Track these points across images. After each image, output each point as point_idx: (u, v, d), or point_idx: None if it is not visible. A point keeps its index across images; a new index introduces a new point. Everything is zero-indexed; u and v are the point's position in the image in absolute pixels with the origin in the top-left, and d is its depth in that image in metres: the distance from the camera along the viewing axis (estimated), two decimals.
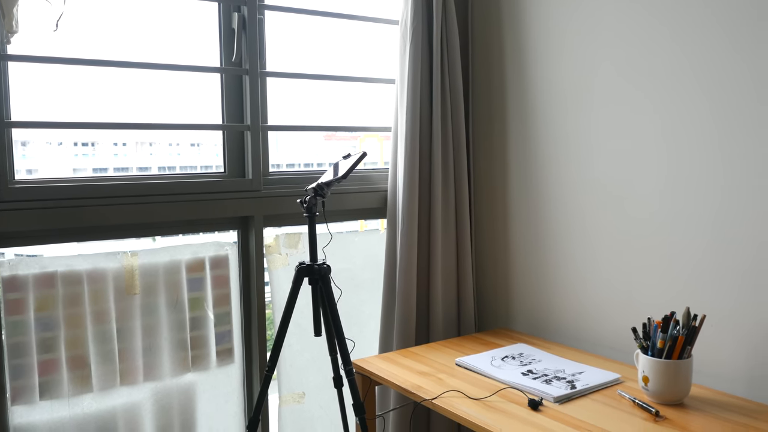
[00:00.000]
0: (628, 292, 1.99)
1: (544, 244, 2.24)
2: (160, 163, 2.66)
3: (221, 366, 2.10)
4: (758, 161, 1.66)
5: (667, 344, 1.60)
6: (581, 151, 2.09)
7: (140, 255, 1.93)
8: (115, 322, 1.90)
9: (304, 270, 1.85)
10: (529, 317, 2.33)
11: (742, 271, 1.71)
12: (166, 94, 2.08)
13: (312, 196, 1.83)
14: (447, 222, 2.32)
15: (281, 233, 2.21)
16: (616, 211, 2.01)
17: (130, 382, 1.94)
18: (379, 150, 2.88)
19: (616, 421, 1.53)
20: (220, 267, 2.08)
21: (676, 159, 1.84)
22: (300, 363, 2.26)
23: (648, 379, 1.62)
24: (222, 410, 2.11)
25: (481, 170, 2.47)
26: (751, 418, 1.53)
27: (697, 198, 1.79)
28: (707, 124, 1.76)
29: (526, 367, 1.88)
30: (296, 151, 2.87)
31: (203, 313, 2.05)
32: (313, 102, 2.41)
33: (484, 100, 2.43)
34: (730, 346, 1.75)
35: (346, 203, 2.27)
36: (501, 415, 1.58)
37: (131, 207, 1.88)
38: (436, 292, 2.29)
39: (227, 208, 2.03)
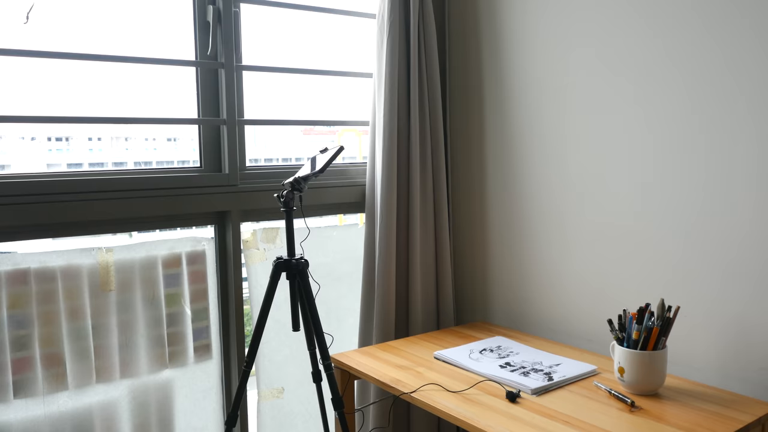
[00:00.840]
0: (603, 285, 2.01)
1: (522, 238, 2.25)
2: (136, 159, 2.63)
3: (199, 362, 2.08)
4: (735, 156, 1.68)
5: (642, 335, 1.62)
6: (558, 145, 2.11)
7: (115, 251, 1.91)
8: (91, 318, 1.88)
9: (281, 265, 1.84)
10: (507, 310, 2.34)
11: (714, 264, 1.73)
12: (141, 89, 2.05)
13: (289, 190, 1.82)
14: (425, 216, 2.32)
15: (259, 228, 2.20)
16: (592, 205, 2.02)
17: (107, 379, 1.92)
18: (357, 144, 2.88)
19: (592, 412, 1.55)
20: (197, 262, 2.06)
21: (651, 153, 1.86)
22: (279, 358, 2.26)
23: (624, 370, 1.64)
24: (200, 406, 2.10)
25: (459, 164, 2.47)
26: (723, 407, 1.55)
27: (673, 192, 1.81)
28: (686, 117, 1.78)
29: (504, 359, 1.89)
30: (274, 146, 2.86)
31: (180, 309, 2.03)
32: (292, 97, 2.40)
33: (461, 94, 2.44)
34: (704, 337, 1.77)
35: (324, 198, 2.27)
36: (479, 407, 1.59)
37: (106, 202, 1.85)
38: (415, 286, 2.29)
39: (203, 203, 2.01)
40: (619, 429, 1.45)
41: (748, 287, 1.67)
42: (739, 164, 1.67)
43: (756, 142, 1.63)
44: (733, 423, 1.47)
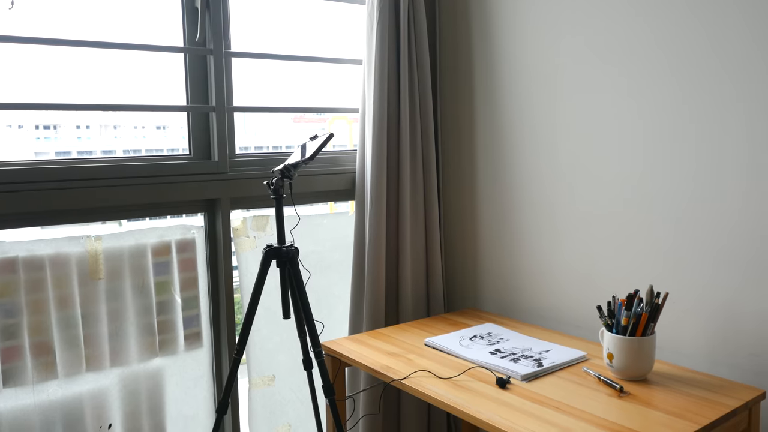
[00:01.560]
0: (593, 272, 2.02)
1: (512, 224, 2.26)
2: (125, 147, 2.62)
3: (189, 350, 2.08)
4: (724, 145, 1.69)
5: (631, 322, 1.63)
6: (548, 133, 2.11)
7: (104, 239, 1.90)
8: (80, 307, 1.87)
9: (271, 252, 1.84)
10: (497, 297, 2.35)
11: (704, 251, 1.74)
12: (130, 76, 2.03)
13: (279, 177, 1.82)
14: (415, 204, 2.32)
15: (249, 216, 2.19)
16: (581, 193, 2.03)
17: (97, 367, 1.91)
18: (348, 132, 2.87)
19: (581, 398, 1.56)
20: (187, 250, 2.05)
21: (641, 142, 1.86)
22: (269, 346, 2.26)
23: (612, 355, 1.65)
24: (191, 394, 2.10)
25: (449, 151, 2.47)
26: (711, 392, 1.57)
27: (663, 181, 1.82)
28: (676, 106, 1.78)
29: (494, 346, 1.90)
30: (265, 134, 2.84)
31: (170, 297, 2.03)
32: (282, 84, 2.39)
33: (451, 80, 2.43)
34: (692, 323, 1.79)
35: (314, 185, 2.26)
36: (469, 393, 1.60)
37: (94, 190, 1.84)
38: (405, 273, 2.30)
39: (193, 191, 2.00)
40: (608, 414, 1.46)
41: (737, 274, 1.68)
42: (729, 153, 1.67)
43: (745, 132, 1.64)
44: (720, 408, 1.48)
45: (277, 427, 2.29)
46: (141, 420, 2.00)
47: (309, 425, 2.35)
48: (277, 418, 2.29)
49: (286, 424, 2.31)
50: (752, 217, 1.64)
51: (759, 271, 1.64)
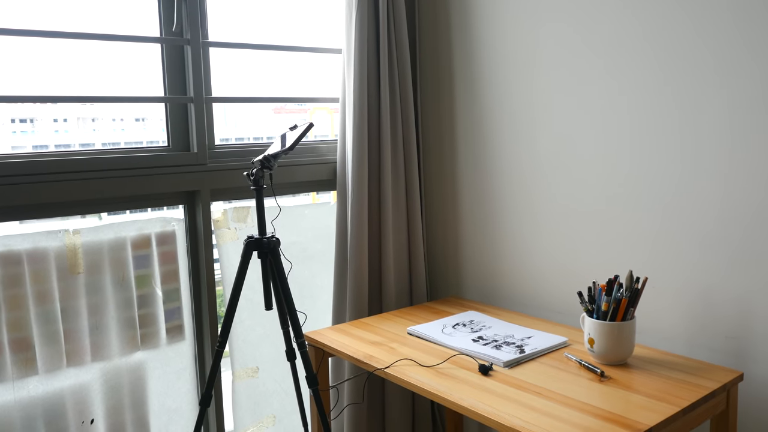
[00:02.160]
0: (573, 258, 2.03)
1: (493, 212, 2.26)
2: (104, 140, 2.58)
3: (172, 343, 2.07)
4: (705, 133, 1.70)
5: (611, 307, 1.64)
6: (528, 120, 2.11)
7: (83, 233, 1.88)
8: (59, 302, 1.85)
9: (252, 244, 1.83)
10: (479, 285, 2.36)
11: (681, 237, 1.76)
12: (106, 67, 2.01)
13: (259, 168, 1.81)
14: (397, 193, 2.32)
15: (229, 207, 2.18)
16: (561, 180, 2.04)
17: (77, 362, 1.90)
18: (329, 122, 2.86)
19: (563, 383, 1.57)
20: (167, 243, 2.04)
21: (622, 130, 1.87)
22: (252, 338, 2.25)
23: (593, 341, 1.66)
24: (174, 388, 2.09)
25: (430, 141, 2.47)
26: (690, 375, 1.59)
27: (640, 167, 1.83)
28: (657, 91, 1.79)
29: (477, 333, 1.91)
30: (245, 125, 2.82)
31: (151, 290, 2.01)
32: (262, 75, 2.37)
33: (431, 69, 2.42)
34: (672, 308, 1.80)
35: (295, 176, 2.25)
36: (452, 381, 1.60)
37: (72, 184, 1.82)
38: (387, 262, 2.30)
39: (172, 183, 1.98)
40: (590, 398, 1.48)
41: (715, 260, 1.70)
42: (709, 141, 1.69)
43: (728, 122, 1.65)
44: (699, 390, 1.50)
45: (261, 419, 2.29)
46: (123, 414, 1.99)
47: (294, 416, 2.35)
48: (261, 410, 2.28)
49: (270, 416, 2.31)
50: (731, 204, 1.66)
51: (736, 256, 1.66)
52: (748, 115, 1.60)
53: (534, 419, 1.39)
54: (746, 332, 1.66)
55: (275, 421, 2.32)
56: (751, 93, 1.59)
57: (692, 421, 1.48)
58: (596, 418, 1.38)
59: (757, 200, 1.60)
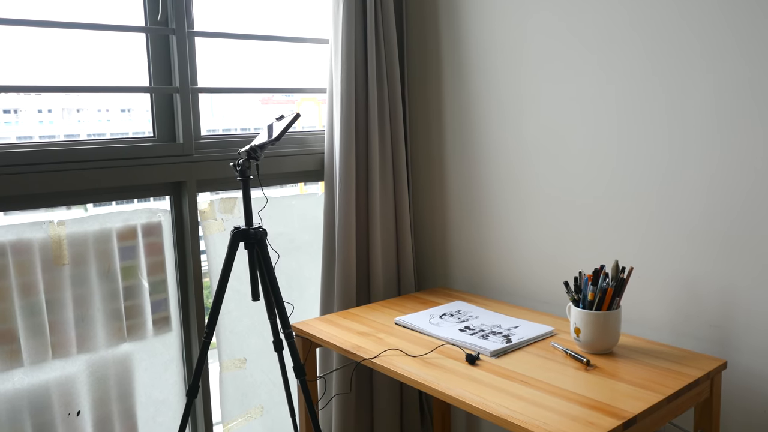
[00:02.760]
0: (560, 248, 2.04)
1: (481, 204, 2.27)
2: (89, 131, 2.56)
3: (158, 335, 2.06)
4: (686, 120, 1.71)
5: (597, 296, 1.65)
6: (515, 110, 2.11)
7: (68, 224, 1.87)
8: (44, 293, 1.84)
9: (239, 234, 1.82)
10: (466, 275, 2.36)
11: (667, 227, 1.77)
12: (92, 57, 1.98)
13: (245, 159, 1.80)
14: (385, 183, 2.32)
15: (216, 198, 2.17)
16: (548, 170, 2.04)
17: (63, 354, 1.89)
18: (317, 113, 2.85)
19: (549, 372, 1.58)
20: (153, 234, 2.03)
21: (608, 119, 1.87)
22: (240, 329, 2.25)
23: (579, 330, 1.67)
24: (161, 379, 2.08)
25: (418, 131, 2.47)
26: (674, 363, 1.60)
27: (627, 157, 1.84)
28: (644, 80, 1.80)
29: (464, 323, 1.92)
30: (233, 116, 2.81)
31: (137, 281, 2.00)
32: (249, 65, 2.35)
33: (419, 58, 2.42)
34: (657, 297, 1.82)
35: (282, 166, 2.24)
36: (439, 370, 1.61)
37: (57, 174, 1.80)
38: (375, 253, 2.30)
39: (158, 174, 1.97)
40: (576, 387, 1.49)
41: (700, 250, 1.72)
42: (695, 131, 1.70)
43: (715, 113, 1.66)
44: (683, 378, 1.52)
45: (249, 410, 2.29)
46: (110, 406, 1.98)
47: (281, 406, 2.35)
48: (249, 400, 2.28)
49: (258, 406, 2.31)
50: (715, 195, 1.67)
51: (720, 246, 1.67)
52: (733, 105, 1.61)
53: (520, 408, 1.39)
54: (730, 321, 1.67)
55: (263, 412, 2.32)
56: (736, 83, 1.60)
57: (677, 408, 1.50)
58: (582, 407, 1.39)
59: (743, 191, 1.62)
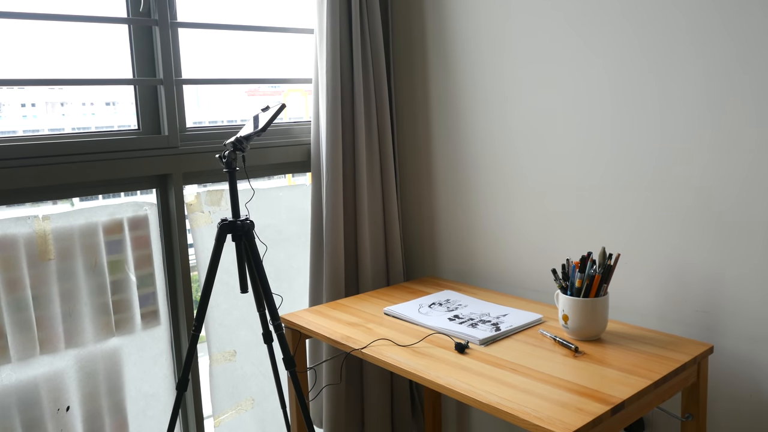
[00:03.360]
0: (547, 235, 2.05)
1: (468, 193, 2.27)
2: (74, 125, 2.54)
3: (147, 329, 2.06)
4: (676, 107, 1.71)
5: (585, 283, 1.66)
6: (502, 99, 2.11)
7: (53, 219, 1.85)
8: (30, 289, 1.82)
9: (226, 226, 1.81)
10: (455, 264, 2.37)
11: (654, 214, 1.78)
12: (74, 50, 1.96)
13: (231, 150, 1.79)
14: (372, 174, 2.31)
15: (203, 191, 2.16)
16: (534, 159, 2.04)
17: (51, 350, 1.88)
18: (304, 104, 2.83)
19: (538, 359, 1.59)
20: (140, 228, 2.01)
21: (592, 105, 1.88)
22: (229, 321, 2.24)
23: (568, 317, 1.68)
24: (150, 373, 2.07)
25: (404, 120, 2.46)
26: (661, 348, 1.61)
27: (612, 144, 1.84)
28: (629, 66, 1.80)
29: (453, 312, 1.92)
30: (219, 108, 2.79)
31: (124, 275, 1.99)
32: (235, 57, 2.34)
33: (404, 47, 2.41)
34: (644, 283, 1.83)
35: (268, 158, 2.23)
36: (429, 359, 1.61)
37: (41, 169, 1.78)
38: (363, 244, 2.30)
39: (143, 167, 1.96)
40: (564, 374, 1.50)
41: (686, 236, 1.73)
42: (681, 116, 1.70)
43: (702, 96, 1.66)
44: (670, 363, 1.53)
45: (240, 402, 2.28)
46: (100, 401, 1.97)
47: (272, 398, 2.35)
48: (239, 393, 2.28)
49: (249, 399, 2.31)
50: (702, 180, 1.68)
51: (706, 232, 1.68)
52: (722, 90, 1.61)
53: (510, 395, 1.40)
54: (716, 307, 1.69)
55: (254, 404, 2.32)
56: (726, 65, 1.60)
57: (664, 393, 1.51)
58: (571, 393, 1.40)
59: (732, 179, 1.63)
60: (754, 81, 1.55)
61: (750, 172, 1.58)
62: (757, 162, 1.57)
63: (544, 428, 1.27)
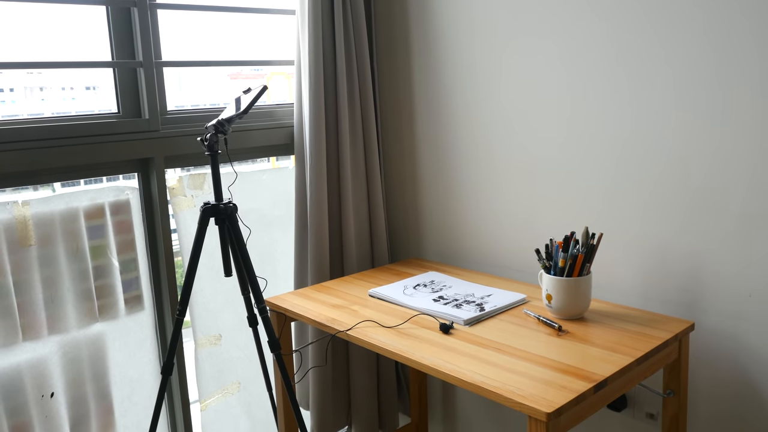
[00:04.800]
0: (531, 216, 2.05)
1: (452, 174, 2.27)
2: (54, 110, 2.51)
3: (131, 314, 2.04)
4: (656, 88, 1.72)
5: (568, 263, 1.67)
6: (486, 81, 2.11)
7: (32, 204, 1.83)
8: (11, 275, 1.80)
9: (209, 210, 1.80)
10: (439, 245, 2.37)
11: (636, 193, 1.79)
12: (52, 33, 1.93)
13: (213, 133, 1.77)
14: (356, 155, 2.30)
15: (185, 175, 2.14)
16: (517, 140, 2.05)
17: (34, 336, 1.86)
18: (287, 87, 2.81)
19: (522, 338, 1.60)
20: (122, 212, 2.00)
21: (576, 87, 1.88)
22: (214, 306, 2.23)
23: (551, 296, 1.69)
24: (135, 358, 2.07)
25: (387, 101, 2.45)
26: (643, 326, 1.63)
27: (596, 125, 1.85)
28: (605, 50, 1.80)
29: (437, 293, 1.93)
30: (201, 92, 2.76)
31: (107, 261, 1.98)
32: (218, 41, 2.31)
33: (387, 28, 2.39)
34: (626, 262, 1.84)
35: (251, 140, 2.21)
36: (414, 340, 1.62)
37: (20, 154, 1.75)
38: (348, 225, 2.29)
39: (124, 151, 1.93)
40: (548, 352, 1.51)
41: (668, 215, 1.74)
42: (661, 96, 1.71)
43: (681, 73, 1.67)
44: (652, 340, 1.55)
45: (226, 386, 2.29)
46: (84, 386, 1.97)
47: (258, 381, 2.36)
48: (225, 377, 2.28)
49: (235, 382, 2.31)
50: (683, 159, 1.69)
51: (688, 211, 1.70)
52: (698, 69, 1.62)
53: (494, 374, 1.41)
54: (697, 284, 1.71)
55: (240, 387, 2.32)
56: (701, 46, 1.61)
57: (646, 370, 1.53)
58: (554, 371, 1.41)
59: (710, 158, 1.64)
60: (727, 62, 1.55)
61: (728, 152, 1.59)
62: (735, 142, 1.58)
63: (528, 406, 1.28)
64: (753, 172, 1.56)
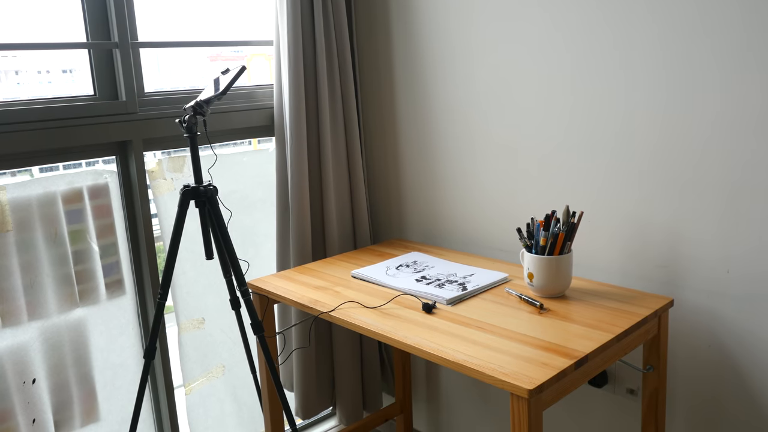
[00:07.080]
0: (512, 196, 2.06)
1: (433, 154, 2.27)
2: (30, 94, 2.47)
3: (112, 298, 2.03)
4: (634, 63, 1.72)
5: (549, 241, 1.68)
6: (466, 61, 2.10)
7: (9, 189, 1.80)
8: None
9: (189, 193, 1.79)
10: (421, 226, 2.37)
11: (614, 172, 1.80)
12: (25, 15, 1.89)
13: (191, 114, 1.75)
14: (336, 136, 2.29)
15: (164, 157, 2.11)
16: (498, 118, 2.04)
17: (14, 323, 1.84)
18: (268, 69, 2.78)
19: (504, 317, 1.61)
20: (101, 196, 1.97)
21: (554, 65, 1.87)
22: (196, 289, 2.22)
23: (533, 275, 1.70)
24: (117, 343, 2.06)
25: (368, 81, 2.43)
26: (624, 303, 1.65)
27: (575, 103, 1.85)
28: (590, 29, 1.80)
29: (420, 273, 1.93)
30: (181, 74, 2.73)
31: (87, 245, 1.96)
32: (196, 23, 2.27)
33: (366, 7, 2.37)
34: (606, 240, 1.86)
35: (230, 122, 2.19)
36: (396, 320, 1.62)
37: None
38: (329, 207, 2.29)
39: (101, 134, 1.91)
40: (530, 330, 1.52)
41: (647, 192, 1.75)
42: (640, 72, 1.71)
43: (659, 51, 1.67)
44: (632, 317, 1.56)
45: (210, 369, 2.28)
46: (67, 372, 1.95)
47: (243, 364, 2.36)
48: (209, 360, 2.28)
49: (219, 366, 2.31)
50: (662, 138, 1.70)
51: (666, 188, 1.71)
52: (682, 52, 1.62)
53: (477, 353, 1.42)
54: (675, 261, 1.72)
55: (224, 371, 2.32)
56: (685, 29, 1.61)
57: (626, 346, 1.55)
58: (536, 349, 1.42)
59: (689, 138, 1.65)
60: (714, 44, 1.56)
61: (707, 130, 1.60)
62: (713, 120, 1.59)
63: (510, 383, 1.29)
64: (731, 151, 1.58)
